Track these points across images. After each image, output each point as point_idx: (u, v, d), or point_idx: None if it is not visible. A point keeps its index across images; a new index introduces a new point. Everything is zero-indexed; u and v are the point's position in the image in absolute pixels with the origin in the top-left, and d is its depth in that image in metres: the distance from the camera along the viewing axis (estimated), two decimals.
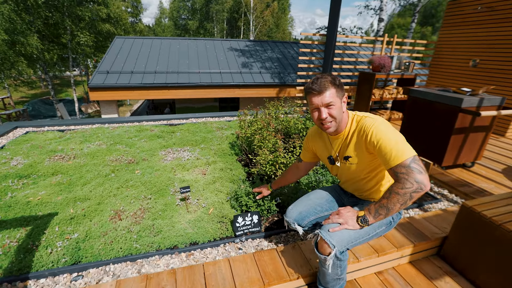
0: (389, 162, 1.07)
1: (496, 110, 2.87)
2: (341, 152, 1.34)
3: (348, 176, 1.40)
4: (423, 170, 1.03)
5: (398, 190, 1.04)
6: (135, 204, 1.99)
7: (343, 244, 1.15)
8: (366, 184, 1.35)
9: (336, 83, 1.21)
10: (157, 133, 3.54)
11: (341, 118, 1.25)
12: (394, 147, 1.07)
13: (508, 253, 1.45)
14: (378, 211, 1.11)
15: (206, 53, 10.18)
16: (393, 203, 1.06)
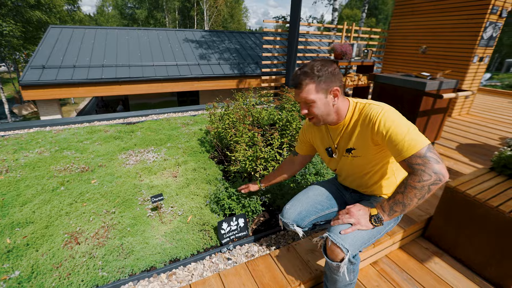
0: (402, 153, 0.95)
1: (453, 92, 3.06)
2: (342, 143, 1.21)
3: (350, 171, 1.27)
4: (440, 159, 0.93)
5: (415, 183, 0.93)
6: (95, 221, 1.65)
7: (357, 247, 1.03)
8: (370, 178, 1.23)
9: (315, 75, 1.06)
10: (113, 133, 3.10)
11: (328, 113, 1.12)
12: (406, 136, 0.95)
13: (492, 229, 1.50)
14: (393, 208, 1.00)
15: (160, 44, 9.44)
16: (409, 198, 0.95)
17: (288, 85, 5.11)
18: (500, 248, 1.49)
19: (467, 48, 4.59)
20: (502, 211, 1.44)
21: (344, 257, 1.00)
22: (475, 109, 5.61)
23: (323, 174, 2.14)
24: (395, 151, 0.98)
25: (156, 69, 8.13)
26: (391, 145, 0.99)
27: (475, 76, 4.87)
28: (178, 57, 8.96)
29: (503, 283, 1.49)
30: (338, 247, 1.00)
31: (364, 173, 1.22)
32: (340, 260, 1.02)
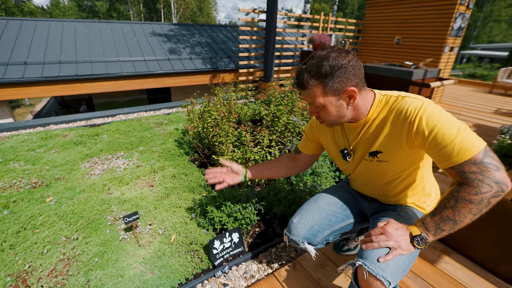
0: (452, 159, 0.76)
1: (435, 81, 3.04)
2: (363, 145, 0.99)
3: (372, 177, 1.04)
4: (501, 164, 0.75)
5: (470, 196, 0.74)
6: (51, 253, 1.31)
7: (399, 276, 0.82)
8: (395, 186, 1.02)
9: (322, 75, 0.84)
10: (73, 138, 2.66)
11: (340, 117, 0.92)
12: (457, 137, 0.75)
13: (502, 221, 1.41)
14: (440, 227, 0.80)
15: (125, 38, 8.72)
16: (463, 215, 0.77)
17: (266, 79, 4.89)
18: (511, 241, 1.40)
19: (439, 39, 4.68)
20: None
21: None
22: (445, 98, 5.82)
23: (320, 173, 1.95)
24: (441, 156, 0.78)
25: (122, 65, 7.49)
26: (435, 148, 0.79)
27: (446, 66, 5.00)
28: (146, 52, 8.34)
29: None
30: (378, 280, 0.79)
31: (389, 180, 1.01)
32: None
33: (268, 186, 1.78)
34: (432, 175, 1.09)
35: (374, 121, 0.93)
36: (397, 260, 0.81)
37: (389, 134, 0.90)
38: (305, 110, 2.50)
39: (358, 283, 0.85)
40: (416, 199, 1.05)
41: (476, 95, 6.45)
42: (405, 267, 0.83)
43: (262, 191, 1.72)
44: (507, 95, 6.49)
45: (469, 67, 11.90)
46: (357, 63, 0.87)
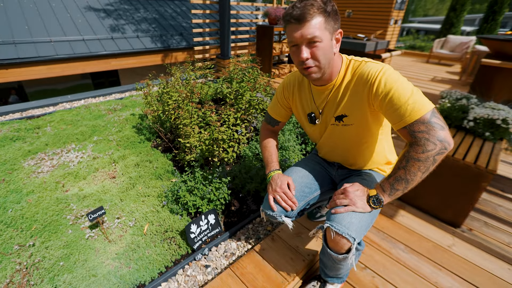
0: (405, 118, 0.82)
1: (385, 52, 3.24)
2: (330, 109, 1.02)
3: (338, 142, 1.09)
4: (445, 124, 0.82)
5: (418, 155, 0.81)
6: (4, 265, 1.16)
7: (362, 232, 0.90)
8: (360, 152, 1.08)
9: (327, 9, 0.84)
10: (8, 134, 2.30)
11: (329, 62, 0.90)
12: (410, 98, 0.81)
13: (448, 176, 1.63)
14: (394, 187, 0.87)
15: (54, 14, 7.54)
16: (413, 173, 0.83)
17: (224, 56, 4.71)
18: (453, 191, 1.63)
19: (385, 11, 4.94)
20: (457, 159, 1.56)
21: (351, 247, 0.88)
22: None
23: (287, 147, 2.00)
24: (396, 116, 0.84)
25: (56, 46, 6.54)
26: (391, 109, 0.84)
27: (392, 37, 5.35)
28: (83, 30, 7.36)
29: (457, 221, 1.67)
30: (344, 237, 0.86)
31: (354, 145, 1.07)
32: (347, 251, 0.89)
33: (238, 165, 1.77)
34: (392, 144, 1.18)
35: (341, 84, 0.96)
36: (360, 219, 0.89)
37: (353, 97, 0.94)
38: (268, 86, 2.49)
39: (328, 243, 0.92)
40: (378, 164, 1.14)
41: (416, 65, 7.07)
42: (367, 225, 0.92)
43: (233, 170, 1.72)
44: (441, 64, 7.25)
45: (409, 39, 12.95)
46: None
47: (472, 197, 1.57)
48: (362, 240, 0.97)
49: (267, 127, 1.29)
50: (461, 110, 1.92)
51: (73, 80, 9.46)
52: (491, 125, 1.76)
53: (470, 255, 1.50)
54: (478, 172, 1.50)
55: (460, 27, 9.16)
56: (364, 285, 1.29)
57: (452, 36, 7.34)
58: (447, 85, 5.05)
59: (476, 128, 1.82)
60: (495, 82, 2.88)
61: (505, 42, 2.74)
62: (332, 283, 1.16)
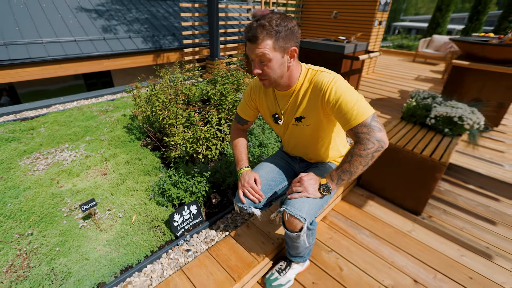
0: (350, 122, 0.97)
1: (364, 53, 3.42)
2: (290, 111, 1.17)
3: (298, 139, 1.26)
4: (382, 127, 0.98)
5: (360, 152, 0.96)
6: (5, 252, 1.30)
7: (312, 214, 1.06)
8: (317, 147, 1.25)
9: (273, 30, 0.94)
10: (3, 135, 2.41)
11: (281, 75, 1.04)
12: (355, 105, 0.96)
13: (409, 168, 1.81)
14: (340, 177, 1.03)
15: (45, 15, 7.58)
16: (355, 166, 0.99)
17: (213, 57, 4.84)
18: (413, 182, 1.81)
19: (369, 13, 5.11)
20: (416, 153, 1.73)
21: (303, 226, 1.04)
22: (378, 68, 6.48)
23: (266, 144, 2.16)
24: (344, 120, 0.99)
25: (48, 47, 6.60)
26: (340, 114, 0.99)
27: (376, 38, 5.53)
28: (75, 31, 7.41)
29: (417, 209, 1.85)
30: (296, 218, 1.03)
31: (312, 142, 1.23)
32: (299, 230, 1.06)
33: (220, 161, 1.93)
34: (345, 140, 1.36)
35: (300, 90, 1.11)
36: (311, 203, 1.06)
37: (309, 102, 1.09)
38: None
39: (285, 224, 1.09)
40: (333, 157, 1.31)
41: (402, 64, 7.29)
42: (317, 208, 1.09)
43: (216, 165, 1.87)
44: (427, 63, 7.48)
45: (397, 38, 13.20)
46: (298, 30, 1.01)
47: (429, 186, 1.75)
48: (314, 220, 1.14)
49: (237, 126, 1.42)
50: (424, 109, 2.10)
51: (65, 81, 9.48)
52: (449, 122, 1.95)
53: (426, 238, 1.68)
54: (433, 164, 1.67)
55: (446, 26, 9.42)
56: (328, 266, 1.46)
57: (437, 35, 7.58)
58: (430, 83, 5.27)
59: (437, 125, 2.00)
60: (465, 82, 3.08)
61: (473, 44, 2.94)
62: (297, 262, 1.33)
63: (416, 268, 1.48)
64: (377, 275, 1.43)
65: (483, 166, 2.49)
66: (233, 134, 1.41)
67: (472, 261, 1.54)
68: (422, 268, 1.48)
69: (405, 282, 1.40)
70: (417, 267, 1.48)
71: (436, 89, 4.73)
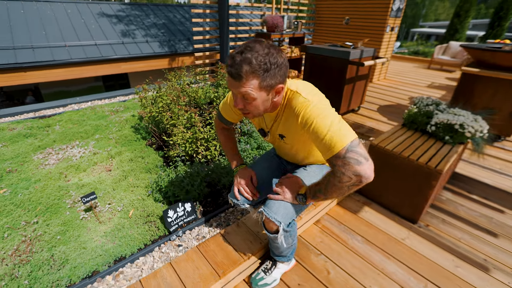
0: (326, 153, 0.90)
1: (372, 60, 3.39)
2: (274, 129, 1.16)
3: (285, 150, 1.29)
4: (364, 157, 0.85)
5: (335, 183, 0.91)
6: (12, 237, 1.41)
7: (288, 218, 1.09)
8: (305, 156, 1.26)
9: (261, 69, 0.85)
10: (22, 131, 2.60)
11: (265, 109, 0.99)
12: (327, 135, 0.87)
13: (405, 175, 1.79)
14: (316, 195, 1.02)
15: (70, 20, 8.02)
16: (330, 193, 0.96)
17: (223, 62, 4.96)
18: (410, 189, 1.79)
19: (380, 19, 5.07)
20: (412, 159, 1.72)
21: (279, 229, 1.08)
22: (390, 74, 6.38)
23: (265, 147, 2.20)
24: (320, 148, 0.92)
25: (71, 51, 6.97)
26: (316, 140, 0.92)
27: (388, 44, 5.46)
28: (96, 35, 7.79)
29: (414, 217, 1.82)
30: (271, 221, 1.07)
31: (300, 153, 1.24)
32: (276, 231, 1.10)
33: (217, 162, 1.99)
34: None
35: (283, 112, 1.05)
36: (287, 207, 1.09)
37: (288, 123, 1.06)
38: None
39: (264, 224, 1.15)
40: (320, 159, 1.31)
41: (417, 70, 7.14)
42: (293, 213, 1.12)
43: (213, 166, 1.93)
44: (443, 70, 7.28)
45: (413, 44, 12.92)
46: (287, 64, 0.93)
47: (425, 194, 1.72)
48: (293, 222, 1.17)
49: (221, 125, 1.37)
50: (426, 115, 2.08)
51: (86, 82, 9.96)
52: (450, 130, 1.91)
53: (420, 247, 1.65)
54: (428, 172, 1.66)
55: (465, 32, 9.14)
56: (316, 268, 1.48)
57: (453, 42, 7.37)
58: (443, 91, 5.13)
59: (437, 132, 1.97)
60: (475, 90, 3.00)
61: (483, 51, 2.86)
62: (282, 261, 1.35)
63: (406, 276, 1.46)
64: (364, 280, 1.43)
65: (491, 176, 2.41)
66: (219, 134, 1.39)
67: (467, 272, 1.50)
68: (413, 277, 1.46)
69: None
70: (407, 275, 1.47)
71: (449, 97, 4.61)
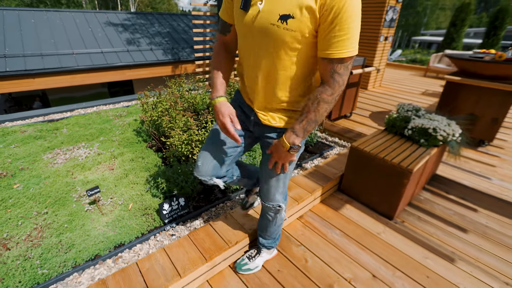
0: (333, 50, 0.76)
1: (361, 68, 3.58)
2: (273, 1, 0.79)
3: (271, 61, 0.88)
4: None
5: (328, 98, 0.82)
6: (25, 225, 1.59)
7: (285, 194, 1.23)
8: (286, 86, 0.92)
9: None
10: (32, 133, 2.81)
11: None
12: (348, 34, 0.74)
13: (382, 174, 1.95)
14: (306, 129, 0.89)
15: (78, 29, 8.36)
16: (321, 115, 0.85)
17: None
18: (386, 188, 1.94)
19: (375, 29, 5.28)
20: (386, 160, 1.88)
21: (280, 210, 1.25)
22: (386, 82, 6.56)
23: (255, 149, 2.37)
24: (329, 44, 0.76)
25: (78, 58, 7.27)
26: (331, 32, 0.75)
27: (383, 53, 5.66)
28: (102, 43, 8.11)
29: (390, 213, 1.97)
30: (274, 207, 1.23)
31: (285, 68, 0.88)
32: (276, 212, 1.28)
33: None
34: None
35: None
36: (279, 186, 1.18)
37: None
38: None
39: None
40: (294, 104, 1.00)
41: (413, 78, 7.32)
42: (285, 182, 1.18)
43: None
44: (439, 78, 7.45)
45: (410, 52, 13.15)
46: None
47: (399, 192, 1.88)
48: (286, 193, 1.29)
49: (220, 38, 1.09)
50: (404, 120, 2.24)
51: (91, 88, 10.27)
52: (424, 133, 2.08)
53: (394, 240, 1.80)
54: (400, 171, 1.82)
55: (461, 41, 9.34)
56: (295, 257, 1.63)
57: (448, 50, 7.56)
58: (436, 98, 5.29)
59: (413, 135, 2.13)
60: (459, 97, 3.16)
61: (465, 61, 3.04)
62: (267, 248, 1.50)
63: (377, 265, 1.61)
64: (339, 268, 1.58)
65: (470, 178, 2.55)
66: (215, 55, 1.08)
67: (434, 263, 1.64)
68: (383, 266, 1.61)
69: (364, 275, 1.53)
70: (378, 264, 1.61)
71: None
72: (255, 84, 0.98)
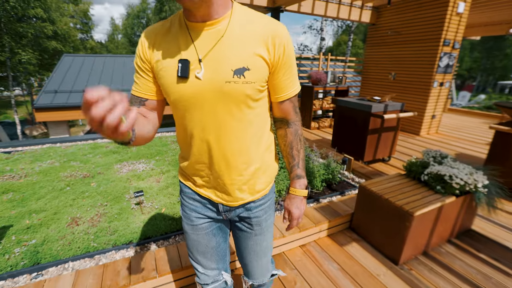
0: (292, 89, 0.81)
1: (399, 113, 3.62)
2: (221, 56, 0.70)
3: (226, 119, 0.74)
4: None
5: (301, 130, 0.87)
6: (91, 211, 2.18)
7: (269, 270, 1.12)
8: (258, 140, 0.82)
9: None
10: (112, 149, 3.68)
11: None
12: (295, 67, 0.80)
13: (387, 215, 1.98)
14: (304, 167, 0.92)
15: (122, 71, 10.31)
16: (303, 149, 0.88)
17: None
18: (391, 230, 1.96)
19: (427, 75, 5.21)
20: (390, 201, 1.94)
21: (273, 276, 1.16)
22: (444, 128, 6.12)
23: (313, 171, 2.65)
24: (288, 84, 0.78)
25: None
26: (287, 75, 0.77)
27: (438, 99, 5.44)
28: None
29: (395, 257, 1.95)
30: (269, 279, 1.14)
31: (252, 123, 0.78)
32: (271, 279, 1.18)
33: None
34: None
35: (235, 25, 0.70)
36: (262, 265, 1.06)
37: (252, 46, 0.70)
38: None
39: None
40: (271, 178, 0.91)
41: (481, 126, 6.62)
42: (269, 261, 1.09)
43: None
44: None
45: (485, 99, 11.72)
46: None
47: (403, 235, 1.89)
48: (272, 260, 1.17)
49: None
50: (421, 166, 2.25)
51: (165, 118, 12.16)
52: (441, 180, 2.06)
53: (393, 285, 1.79)
54: (402, 213, 1.85)
55: None
56: (285, 279, 1.79)
57: None
58: None
59: (429, 181, 2.12)
60: (510, 148, 2.90)
61: None
62: None
63: None
64: None
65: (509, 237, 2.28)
66: None
67: None
68: None
69: None
70: None
71: None
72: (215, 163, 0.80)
